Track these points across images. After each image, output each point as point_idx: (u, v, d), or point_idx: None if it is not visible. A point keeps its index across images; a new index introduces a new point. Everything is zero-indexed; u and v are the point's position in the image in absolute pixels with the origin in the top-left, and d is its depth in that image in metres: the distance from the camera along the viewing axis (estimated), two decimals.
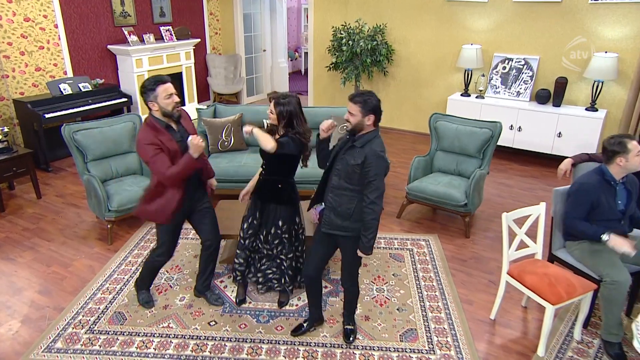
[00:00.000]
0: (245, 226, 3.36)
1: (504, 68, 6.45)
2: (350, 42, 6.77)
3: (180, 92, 8.24)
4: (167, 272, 3.91)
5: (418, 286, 3.79)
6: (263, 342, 3.17)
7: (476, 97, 6.50)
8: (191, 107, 8.35)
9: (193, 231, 4.48)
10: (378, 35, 6.89)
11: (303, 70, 12.51)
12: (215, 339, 3.20)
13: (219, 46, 9.27)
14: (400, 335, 3.26)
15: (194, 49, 8.20)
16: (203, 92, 8.95)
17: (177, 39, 7.89)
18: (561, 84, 5.97)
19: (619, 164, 3.09)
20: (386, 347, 3.14)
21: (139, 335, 3.23)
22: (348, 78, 7.04)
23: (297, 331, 3.25)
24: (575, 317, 3.40)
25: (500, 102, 6.34)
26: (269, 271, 3.48)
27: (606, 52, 5.67)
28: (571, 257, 3.34)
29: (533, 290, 3.04)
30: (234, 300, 3.57)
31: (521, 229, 3.27)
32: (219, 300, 3.53)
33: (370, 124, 2.70)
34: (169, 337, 3.21)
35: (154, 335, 3.22)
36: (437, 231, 4.66)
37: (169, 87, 2.93)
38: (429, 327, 3.33)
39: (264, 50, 9.69)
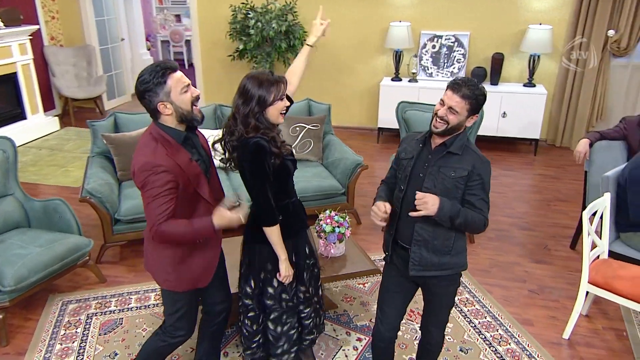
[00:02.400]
0: (295, 284, 2.48)
1: (434, 47, 6.37)
2: (260, 24, 6.00)
3: (17, 101, 6.51)
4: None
5: (462, 314, 3.35)
6: None
7: (409, 81, 6.31)
8: (36, 121, 6.66)
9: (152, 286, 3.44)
10: (289, 15, 6.25)
11: None
12: None
13: (59, 35, 7.59)
14: None
15: (30, 40, 6.52)
16: (45, 99, 7.21)
17: (4, 25, 6.16)
18: (498, 60, 6.09)
19: None
20: None
21: None
22: (262, 67, 6.26)
23: None
24: None
25: (436, 84, 6.24)
26: (309, 321, 2.64)
27: (540, 23, 5.92)
28: (633, 250, 3.22)
29: (632, 299, 2.81)
30: None
31: (592, 227, 3.04)
32: None
33: (469, 125, 2.16)
34: None
35: None
36: None
37: (183, 76, 2.05)
38: None
39: (122, 40, 8.25)
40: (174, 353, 2.86)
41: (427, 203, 2.02)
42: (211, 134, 4.41)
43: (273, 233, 2.28)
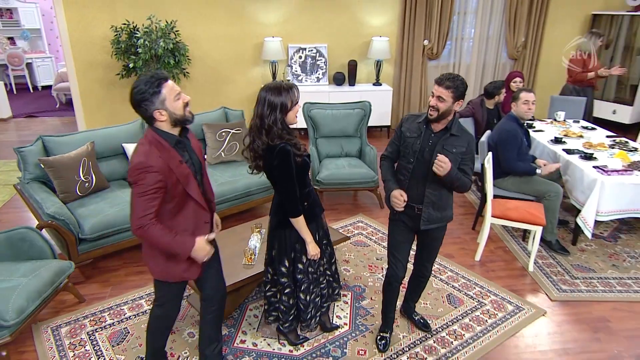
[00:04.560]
0: (321, 261, 2.71)
1: (300, 57, 6.80)
2: (147, 43, 5.68)
3: None
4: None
5: None
6: None
7: None
8: None
9: (138, 294, 3.20)
10: (172, 34, 6.02)
11: (15, 88, 9.52)
12: None
13: None
14: (449, 304, 3.34)
15: None
16: None
17: None
18: (353, 66, 6.79)
19: (513, 107, 3.99)
20: (455, 319, 3.19)
21: None
22: None
23: (386, 347, 2.90)
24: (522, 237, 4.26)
25: (307, 88, 6.69)
26: (325, 290, 2.86)
27: (380, 36, 6.78)
28: (504, 191, 4.11)
29: (522, 222, 3.65)
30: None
31: (487, 178, 3.81)
32: None
33: (456, 109, 2.56)
34: None
35: None
36: (354, 210, 4.75)
37: (175, 85, 2.08)
38: (455, 287, 3.53)
39: None
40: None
41: (447, 164, 2.41)
42: None
43: (299, 222, 2.47)
